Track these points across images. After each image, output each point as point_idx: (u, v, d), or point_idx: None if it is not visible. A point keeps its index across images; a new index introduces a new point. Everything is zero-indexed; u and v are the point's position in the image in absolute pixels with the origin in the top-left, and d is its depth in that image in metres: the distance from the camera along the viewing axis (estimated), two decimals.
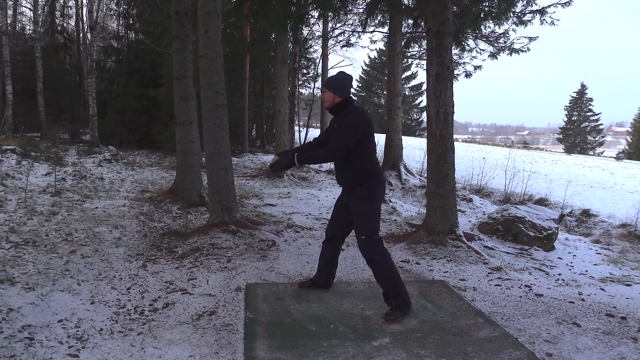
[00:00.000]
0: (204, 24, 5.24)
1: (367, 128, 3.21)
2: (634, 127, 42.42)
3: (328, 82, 3.36)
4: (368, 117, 3.29)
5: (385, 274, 3.25)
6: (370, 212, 3.27)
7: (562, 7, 8.55)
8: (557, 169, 17.45)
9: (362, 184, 3.26)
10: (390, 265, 3.27)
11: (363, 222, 3.28)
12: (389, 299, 3.24)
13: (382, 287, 3.28)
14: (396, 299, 3.22)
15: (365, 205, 3.25)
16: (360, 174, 3.27)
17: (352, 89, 3.51)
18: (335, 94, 3.29)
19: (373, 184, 3.26)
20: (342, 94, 3.29)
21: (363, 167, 3.26)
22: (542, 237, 5.65)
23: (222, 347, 2.80)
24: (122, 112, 15.04)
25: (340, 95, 3.28)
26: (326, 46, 18.21)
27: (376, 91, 40.18)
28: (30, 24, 20.90)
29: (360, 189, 3.26)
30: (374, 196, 3.26)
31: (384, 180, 3.39)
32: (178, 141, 7.22)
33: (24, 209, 6.01)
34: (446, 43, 5.36)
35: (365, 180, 3.26)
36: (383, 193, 3.40)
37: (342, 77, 3.36)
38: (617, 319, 3.37)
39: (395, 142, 11.22)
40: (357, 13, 11.75)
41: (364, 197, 3.24)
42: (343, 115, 3.25)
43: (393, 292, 3.23)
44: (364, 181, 3.26)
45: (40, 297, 3.30)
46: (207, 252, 4.59)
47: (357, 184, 3.28)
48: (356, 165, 3.26)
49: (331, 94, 3.30)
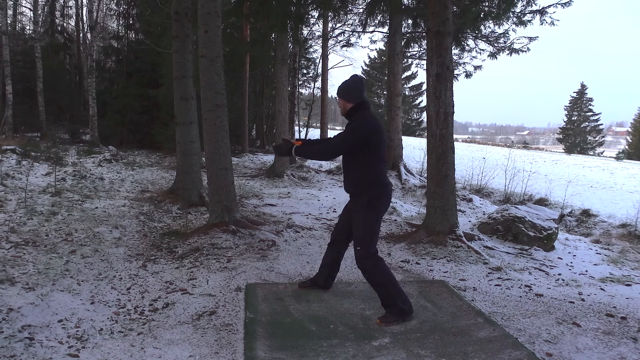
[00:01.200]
0: (204, 24, 5.24)
1: (372, 135, 3.14)
2: (634, 127, 42.42)
3: (338, 89, 3.37)
4: (377, 124, 3.21)
5: (379, 284, 3.22)
6: (369, 223, 3.22)
7: (562, 7, 8.57)
8: (557, 169, 17.45)
9: (364, 192, 3.22)
10: (385, 277, 3.21)
11: (362, 232, 3.23)
12: (386, 307, 3.22)
13: (379, 296, 3.25)
14: (393, 308, 3.18)
15: (364, 214, 3.21)
16: (364, 182, 3.22)
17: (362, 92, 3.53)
18: (345, 101, 3.30)
19: (374, 194, 3.20)
20: (351, 100, 3.28)
21: (366, 176, 3.22)
22: (542, 237, 5.65)
23: (222, 347, 2.80)
24: (122, 112, 15.05)
25: (350, 101, 3.28)
26: (326, 46, 18.21)
27: (376, 91, 40.16)
28: (30, 24, 20.90)
29: (361, 197, 3.23)
30: (374, 207, 3.21)
31: (388, 192, 3.30)
32: (178, 141, 7.22)
33: (24, 209, 6.00)
34: (446, 43, 5.36)
35: (369, 190, 3.21)
36: (386, 205, 3.31)
37: (348, 83, 3.33)
38: (617, 319, 3.37)
39: (395, 142, 11.23)
40: (357, 13, 11.77)
41: (363, 206, 3.21)
42: (352, 120, 3.26)
43: (390, 302, 3.20)
44: (367, 190, 3.21)
45: (40, 297, 3.30)
46: (207, 252, 4.59)
47: (359, 192, 3.25)
48: (359, 173, 3.23)
49: (342, 101, 3.32)
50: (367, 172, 3.22)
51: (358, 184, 3.25)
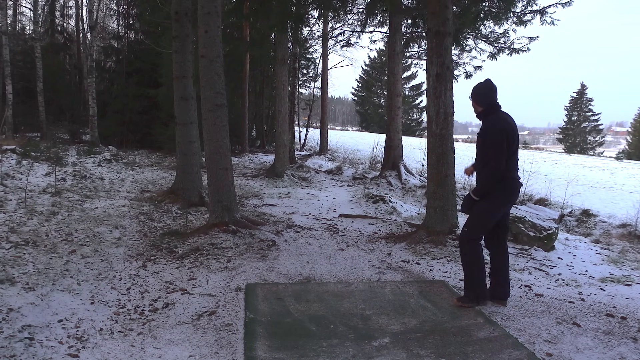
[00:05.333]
0: (204, 24, 5.24)
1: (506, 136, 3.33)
2: (634, 127, 42.43)
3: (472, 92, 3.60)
4: (508, 123, 3.39)
5: (467, 265, 3.52)
6: (480, 212, 3.43)
7: (562, 7, 8.56)
8: (557, 169, 17.45)
9: (493, 187, 3.40)
10: (474, 262, 3.47)
11: (471, 217, 3.49)
12: (465, 288, 3.57)
13: (464, 276, 3.59)
14: (467, 290, 3.51)
15: (480, 204, 3.43)
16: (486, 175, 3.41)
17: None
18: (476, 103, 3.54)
19: (496, 188, 3.38)
20: (481, 104, 3.49)
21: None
22: (542, 237, 5.65)
23: (222, 347, 2.80)
24: (122, 112, 15.05)
25: (481, 105, 3.50)
26: (326, 46, 18.20)
27: (376, 91, 40.21)
28: (30, 24, 20.90)
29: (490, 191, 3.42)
30: (492, 198, 3.38)
31: (511, 186, 3.46)
32: (178, 141, 7.22)
33: (24, 209, 6.00)
34: (446, 43, 5.36)
35: (498, 183, 3.38)
36: (508, 198, 3.48)
37: (478, 86, 3.55)
38: (617, 319, 3.37)
39: (395, 142, 11.22)
40: (357, 13, 11.76)
41: (486, 199, 3.41)
42: (485, 121, 3.48)
43: (468, 285, 3.52)
44: (496, 184, 3.39)
45: (40, 297, 3.30)
46: (207, 252, 4.59)
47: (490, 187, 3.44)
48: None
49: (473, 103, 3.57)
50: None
51: (482, 178, 3.45)
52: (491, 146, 3.34)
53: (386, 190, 9.92)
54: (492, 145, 3.34)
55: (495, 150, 3.32)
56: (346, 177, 11.83)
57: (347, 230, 6.16)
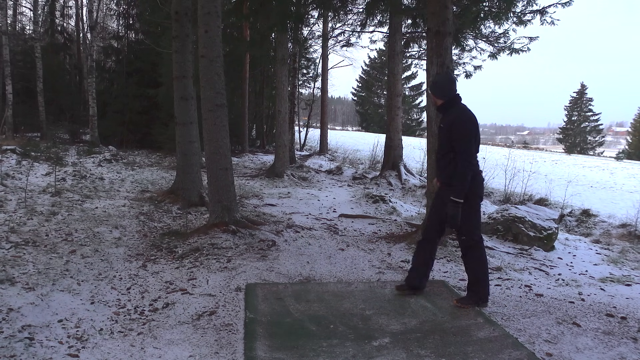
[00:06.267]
0: (204, 24, 5.24)
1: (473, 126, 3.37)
2: (634, 127, 42.39)
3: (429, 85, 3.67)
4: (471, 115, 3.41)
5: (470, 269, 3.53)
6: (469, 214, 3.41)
7: (562, 7, 8.55)
8: (557, 169, 17.45)
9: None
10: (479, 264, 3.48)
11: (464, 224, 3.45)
12: (468, 290, 3.56)
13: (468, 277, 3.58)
14: (470, 292, 3.51)
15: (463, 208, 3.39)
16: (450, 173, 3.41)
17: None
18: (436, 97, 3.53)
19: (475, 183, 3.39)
20: (442, 97, 3.49)
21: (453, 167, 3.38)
22: (542, 237, 5.65)
23: (222, 347, 2.80)
24: (122, 112, 15.04)
25: (442, 98, 3.49)
26: (326, 46, 18.19)
27: (376, 91, 40.21)
28: (30, 24, 20.88)
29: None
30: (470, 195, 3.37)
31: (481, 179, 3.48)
32: (178, 141, 7.22)
33: (24, 209, 6.01)
34: (446, 43, 5.36)
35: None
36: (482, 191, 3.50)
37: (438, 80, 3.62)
38: (617, 319, 3.37)
39: (395, 142, 11.22)
40: (357, 13, 11.75)
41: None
42: (446, 114, 3.47)
43: (472, 287, 3.52)
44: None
45: (40, 297, 3.30)
46: (207, 252, 4.59)
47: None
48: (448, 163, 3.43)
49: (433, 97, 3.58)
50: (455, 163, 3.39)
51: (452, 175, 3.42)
52: (462, 136, 3.31)
53: (386, 190, 9.92)
54: (463, 135, 3.31)
55: (466, 140, 3.31)
56: (346, 177, 11.84)
57: (347, 230, 6.16)
